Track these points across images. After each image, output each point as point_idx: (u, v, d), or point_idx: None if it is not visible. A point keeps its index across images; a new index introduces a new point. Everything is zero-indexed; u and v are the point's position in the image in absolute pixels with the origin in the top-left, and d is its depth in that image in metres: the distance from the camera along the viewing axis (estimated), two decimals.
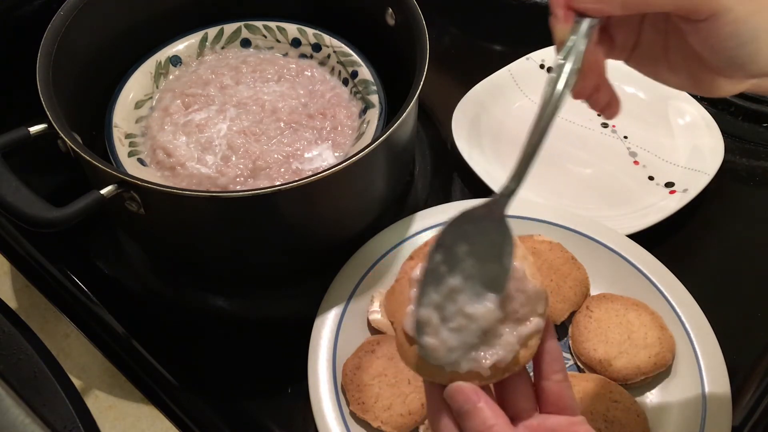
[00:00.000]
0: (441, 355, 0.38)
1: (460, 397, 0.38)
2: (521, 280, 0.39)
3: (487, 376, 0.38)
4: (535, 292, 0.39)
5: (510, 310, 0.39)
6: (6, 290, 0.66)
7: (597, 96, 0.42)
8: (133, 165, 0.63)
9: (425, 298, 0.38)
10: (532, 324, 0.39)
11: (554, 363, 0.40)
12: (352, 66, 0.71)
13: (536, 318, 0.39)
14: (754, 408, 0.60)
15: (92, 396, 0.59)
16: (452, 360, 0.38)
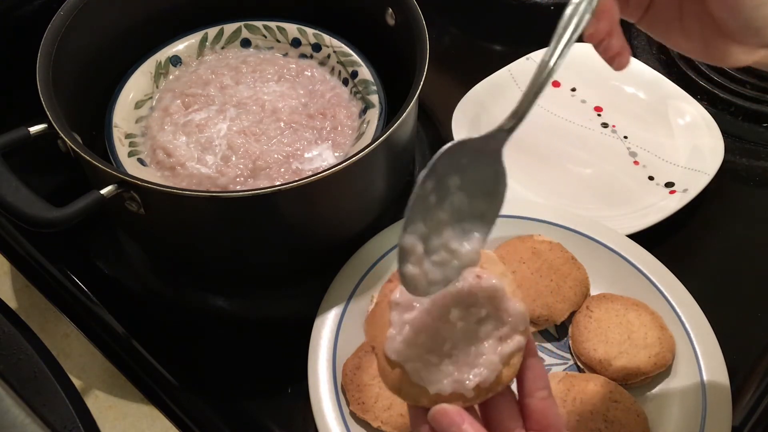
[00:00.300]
0: (421, 285, 0.38)
1: (445, 419, 0.38)
2: (501, 299, 0.39)
3: (470, 398, 0.38)
4: (515, 310, 0.39)
5: (491, 328, 0.39)
6: (6, 290, 0.66)
7: (609, 41, 0.41)
8: (133, 165, 0.63)
9: (411, 226, 0.37)
10: (513, 342, 0.39)
11: (538, 380, 0.40)
12: (352, 66, 0.71)
13: (518, 336, 0.39)
14: (754, 408, 0.60)
15: (92, 396, 0.59)
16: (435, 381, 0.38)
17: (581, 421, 0.54)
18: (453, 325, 0.39)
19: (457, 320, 0.39)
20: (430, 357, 0.39)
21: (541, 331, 0.63)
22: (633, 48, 0.88)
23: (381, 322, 0.40)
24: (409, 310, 0.40)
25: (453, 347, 0.39)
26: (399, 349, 0.39)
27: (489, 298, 0.39)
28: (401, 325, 0.39)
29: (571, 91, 0.82)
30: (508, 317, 0.39)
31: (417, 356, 0.39)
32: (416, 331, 0.39)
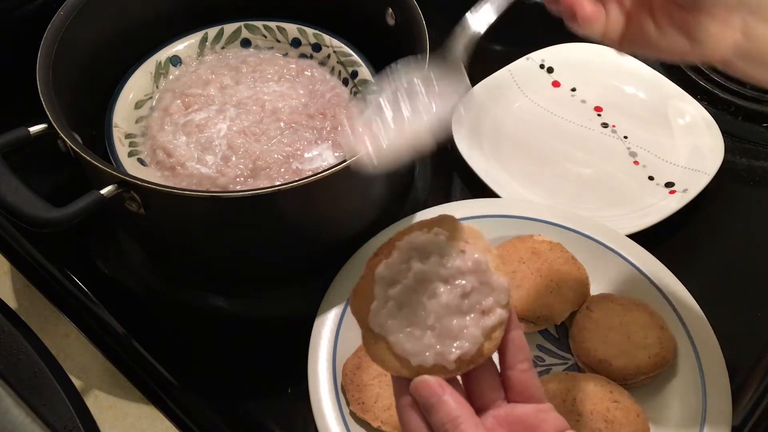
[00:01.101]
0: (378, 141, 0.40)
1: (426, 390, 0.38)
2: (484, 273, 0.40)
3: (452, 369, 0.39)
4: (498, 284, 0.40)
5: (473, 301, 0.39)
6: (6, 290, 0.66)
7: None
8: (133, 165, 0.63)
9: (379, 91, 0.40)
10: (495, 316, 0.39)
11: (519, 353, 0.40)
12: (352, 66, 0.71)
13: (500, 309, 0.39)
14: (754, 408, 0.60)
15: (92, 396, 0.59)
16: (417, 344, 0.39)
17: (581, 421, 0.54)
18: (437, 298, 0.39)
19: (441, 294, 0.39)
20: (413, 330, 0.39)
21: (541, 331, 0.63)
22: None
23: (365, 295, 0.41)
24: (393, 284, 0.40)
25: (436, 320, 0.39)
26: (382, 322, 0.40)
27: (472, 272, 0.40)
28: (385, 299, 0.40)
29: (571, 91, 0.82)
30: (491, 291, 0.40)
31: (400, 329, 0.39)
32: (399, 304, 0.40)
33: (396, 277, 0.40)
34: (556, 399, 0.56)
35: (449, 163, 0.76)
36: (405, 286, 0.40)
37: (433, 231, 0.41)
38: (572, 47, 0.83)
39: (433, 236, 0.41)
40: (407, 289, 0.40)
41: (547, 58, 0.83)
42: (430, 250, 0.40)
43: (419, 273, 0.40)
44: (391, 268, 0.40)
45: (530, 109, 0.80)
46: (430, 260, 0.40)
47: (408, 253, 0.41)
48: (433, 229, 0.41)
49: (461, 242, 0.41)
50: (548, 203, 0.71)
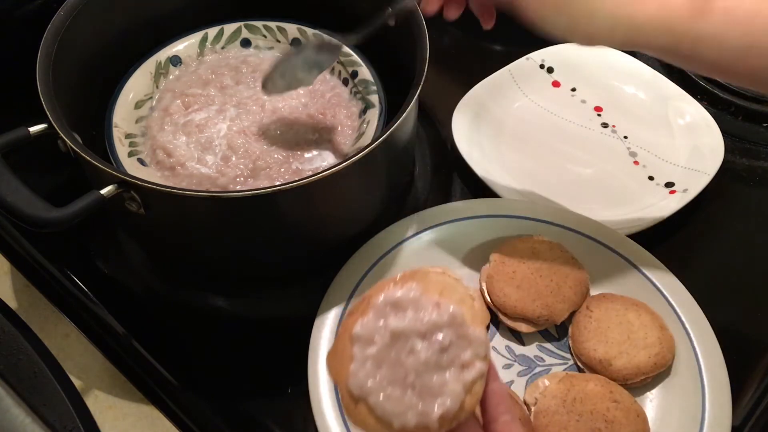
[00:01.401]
0: None
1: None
2: (461, 326, 0.39)
3: (435, 429, 0.38)
4: (475, 337, 0.39)
5: (452, 355, 0.39)
6: (6, 290, 0.66)
7: None
8: (133, 165, 0.63)
9: None
10: (475, 369, 0.39)
11: (500, 405, 0.40)
12: (352, 66, 0.71)
13: (479, 362, 0.39)
14: (754, 408, 0.60)
15: (92, 396, 0.59)
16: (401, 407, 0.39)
17: (581, 422, 0.54)
18: (415, 355, 0.39)
19: (419, 350, 0.39)
20: (393, 389, 0.39)
21: (541, 331, 0.63)
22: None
23: (343, 357, 0.40)
24: (370, 343, 0.40)
25: (416, 378, 0.39)
26: (362, 383, 0.39)
27: (449, 325, 0.39)
28: (363, 359, 0.39)
29: (571, 91, 0.82)
30: (468, 344, 0.39)
31: (380, 389, 0.39)
32: (378, 364, 0.39)
33: (373, 336, 0.40)
34: (556, 399, 0.56)
35: (449, 163, 0.76)
36: (382, 345, 0.39)
37: (406, 286, 0.41)
38: (572, 47, 0.84)
39: (407, 291, 0.40)
40: (385, 348, 0.39)
41: (547, 58, 0.83)
42: (405, 306, 0.40)
43: (396, 330, 0.39)
44: (367, 327, 0.40)
45: (530, 109, 0.80)
46: (406, 316, 0.40)
47: (383, 310, 0.40)
48: (406, 284, 0.41)
49: (435, 295, 0.40)
50: (548, 203, 0.71)
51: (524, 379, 0.60)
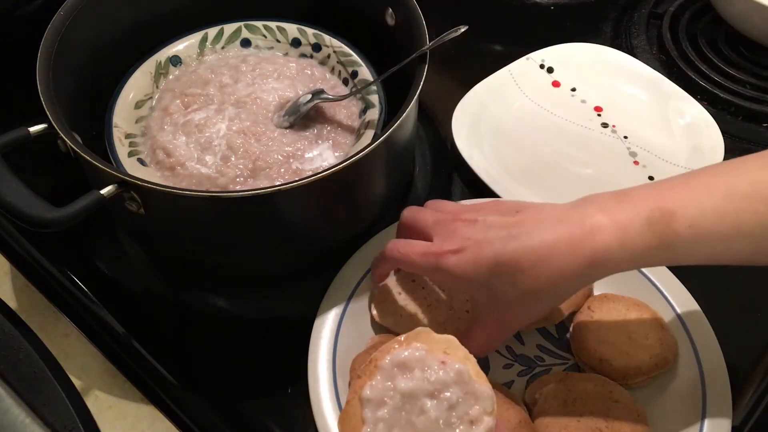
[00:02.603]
0: None
1: None
2: (467, 383, 0.41)
3: None
4: (482, 392, 0.41)
5: (461, 412, 0.40)
6: (6, 290, 0.66)
7: None
8: (133, 165, 0.63)
9: None
10: (483, 425, 0.40)
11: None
12: (352, 66, 0.71)
13: (486, 417, 0.40)
14: (754, 408, 0.60)
15: (92, 396, 0.59)
16: None
17: (582, 422, 0.54)
18: (425, 414, 0.40)
19: (429, 409, 0.40)
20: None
21: (541, 331, 0.63)
22: (633, 48, 0.88)
23: (354, 421, 0.41)
24: (381, 405, 0.41)
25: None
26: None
27: (456, 383, 0.41)
28: (375, 422, 0.40)
29: (571, 91, 0.82)
30: (476, 399, 0.40)
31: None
32: (390, 425, 0.40)
33: (382, 398, 0.41)
34: (557, 399, 0.56)
35: (449, 163, 0.76)
36: (393, 407, 0.40)
37: (412, 346, 0.42)
38: (572, 47, 0.84)
39: (413, 351, 0.42)
40: (395, 409, 0.40)
41: (547, 58, 0.83)
42: (412, 366, 0.41)
43: (405, 391, 0.40)
44: (376, 390, 0.41)
45: (530, 109, 0.80)
46: (414, 376, 0.41)
47: (391, 371, 0.41)
48: (411, 344, 0.42)
49: (441, 354, 0.42)
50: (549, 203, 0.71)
51: (524, 379, 0.60)
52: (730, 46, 0.86)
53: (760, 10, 0.79)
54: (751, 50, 0.85)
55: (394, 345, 0.43)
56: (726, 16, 0.86)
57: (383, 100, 0.68)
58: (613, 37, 0.91)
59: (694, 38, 0.88)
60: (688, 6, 0.91)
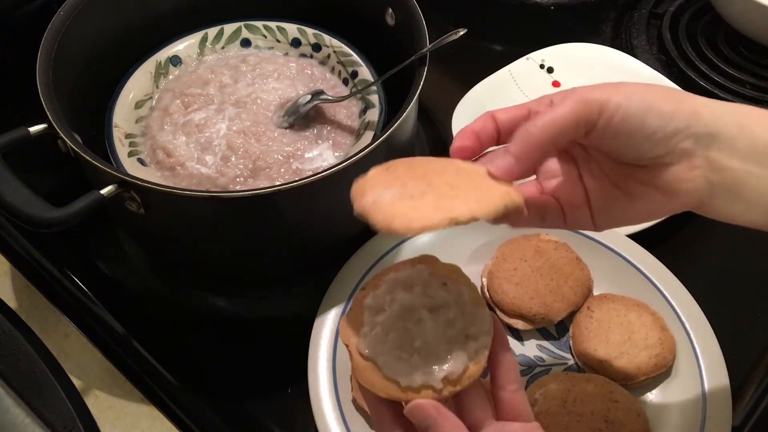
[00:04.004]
0: None
1: (421, 413, 0.39)
2: (466, 304, 0.42)
3: (439, 389, 0.40)
4: (481, 315, 0.42)
5: (458, 328, 0.41)
6: (6, 290, 0.66)
7: None
8: (133, 165, 0.63)
9: None
10: (479, 341, 0.41)
11: (509, 373, 0.42)
12: (352, 66, 0.71)
13: (483, 336, 0.41)
14: (754, 408, 0.60)
15: (92, 396, 0.59)
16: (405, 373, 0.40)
17: (582, 421, 0.54)
18: (422, 324, 0.41)
19: (426, 321, 0.41)
20: (401, 352, 0.40)
21: (541, 331, 0.63)
22: (633, 48, 0.88)
23: (355, 323, 0.42)
24: (380, 312, 0.42)
25: (422, 344, 0.41)
26: (371, 346, 0.41)
27: (456, 303, 0.42)
28: (373, 324, 0.42)
29: None
30: (474, 320, 0.41)
31: (388, 351, 0.41)
32: (387, 330, 0.41)
33: (382, 306, 0.42)
34: (557, 399, 0.56)
35: None
36: (392, 314, 0.42)
37: (417, 267, 0.43)
38: (572, 47, 0.83)
39: (416, 271, 0.43)
40: (394, 317, 0.41)
41: (547, 58, 0.83)
42: (414, 283, 0.42)
43: (405, 302, 0.42)
44: (378, 299, 0.42)
45: None
46: (415, 291, 0.42)
47: (394, 285, 0.43)
48: (416, 266, 0.43)
49: (443, 278, 0.43)
50: None
51: (524, 379, 0.60)
52: (730, 46, 0.86)
53: (760, 10, 0.79)
54: (751, 50, 0.85)
55: (400, 265, 0.44)
56: (726, 16, 0.86)
57: (383, 100, 0.68)
58: (613, 37, 0.91)
59: (694, 38, 0.88)
60: (688, 6, 0.91)
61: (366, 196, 0.40)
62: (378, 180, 0.40)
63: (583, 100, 0.39)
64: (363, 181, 0.41)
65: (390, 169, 0.41)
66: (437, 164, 0.40)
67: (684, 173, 0.40)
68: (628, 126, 0.39)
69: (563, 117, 0.39)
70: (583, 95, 0.39)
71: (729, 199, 0.41)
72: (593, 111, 0.39)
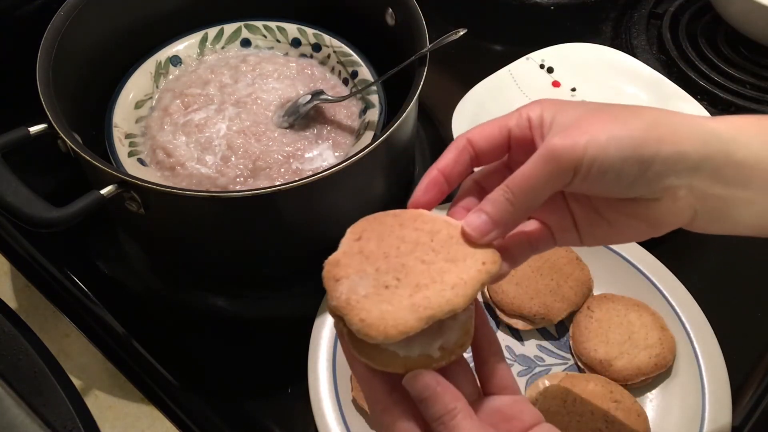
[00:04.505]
0: None
1: (420, 383, 0.38)
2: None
3: (437, 358, 0.39)
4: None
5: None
6: (6, 290, 0.66)
7: None
8: (133, 165, 0.63)
9: None
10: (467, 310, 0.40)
11: (491, 347, 0.42)
12: (352, 66, 0.71)
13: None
14: (754, 408, 0.60)
15: (92, 396, 0.59)
16: None
17: (582, 422, 0.54)
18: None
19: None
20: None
21: (541, 331, 0.63)
22: (633, 48, 0.88)
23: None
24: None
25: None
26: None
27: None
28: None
29: (571, 91, 0.82)
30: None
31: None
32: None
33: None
34: (556, 399, 0.56)
35: None
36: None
37: None
38: (572, 47, 0.83)
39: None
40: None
41: (547, 58, 0.83)
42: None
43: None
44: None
45: None
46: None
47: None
48: None
49: None
50: None
51: (524, 379, 0.60)
52: (730, 46, 0.86)
53: (760, 10, 0.79)
54: (751, 50, 0.85)
55: None
56: (726, 16, 0.86)
57: (383, 100, 0.68)
58: (613, 37, 0.91)
59: (694, 38, 0.88)
60: (688, 6, 0.91)
61: (339, 286, 0.39)
62: (350, 264, 0.39)
63: (555, 159, 0.37)
64: (334, 262, 0.40)
65: (362, 240, 0.40)
66: (410, 231, 0.40)
67: (668, 206, 0.40)
68: (605, 178, 0.38)
69: (536, 181, 0.38)
70: (554, 150, 0.37)
71: (714, 220, 0.41)
72: (567, 170, 0.37)
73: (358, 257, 0.40)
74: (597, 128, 0.37)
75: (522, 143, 0.41)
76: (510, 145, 0.42)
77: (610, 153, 0.37)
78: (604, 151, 0.37)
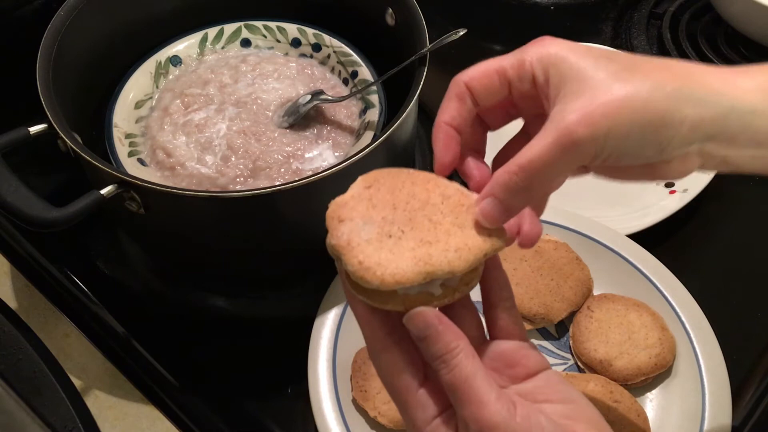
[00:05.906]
0: None
1: (422, 321, 0.37)
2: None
3: (438, 295, 0.38)
4: None
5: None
6: (6, 290, 0.66)
7: None
8: (133, 165, 0.63)
9: None
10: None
11: (502, 291, 0.40)
12: (352, 66, 0.71)
13: None
14: (754, 408, 0.60)
15: (92, 396, 0.59)
16: None
17: None
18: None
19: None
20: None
21: (540, 331, 0.63)
22: (633, 48, 0.88)
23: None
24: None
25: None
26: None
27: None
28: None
29: None
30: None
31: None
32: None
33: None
34: None
35: None
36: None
37: None
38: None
39: None
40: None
41: None
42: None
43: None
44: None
45: None
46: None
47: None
48: None
49: None
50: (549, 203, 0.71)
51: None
52: (730, 46, 0.86)
53: (760, 10, 0.79)
54: (751, 50, 0.85)
55: None
56: (726, 16, 0.86)
57: (383, 100, 0.68)
58: (613, 37, 0.91)
59: (694, 38, 0.88)
60: (688, 6, 0.91)
61: (341, 226, 0.37)
62: (356, 207, 0.38)
63: (574, 146, 0.35)
64: (341, 203, 0.39)
65: (372, 188, 0.39)
66: (421, 189, 0.39)
67: (675, 165, 0.39)
68: (624, 160, 0.37)
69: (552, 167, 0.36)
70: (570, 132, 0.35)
71: (718, 168, 0.40)
72: (586, 156, 0.36)
73: (366, 203, 0.38)
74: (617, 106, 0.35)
75: (526, 96, 0.40)
76: (511, 91, 0.42)
77: (632, 138, 0.36)
78: (625, 139, 0.35)
